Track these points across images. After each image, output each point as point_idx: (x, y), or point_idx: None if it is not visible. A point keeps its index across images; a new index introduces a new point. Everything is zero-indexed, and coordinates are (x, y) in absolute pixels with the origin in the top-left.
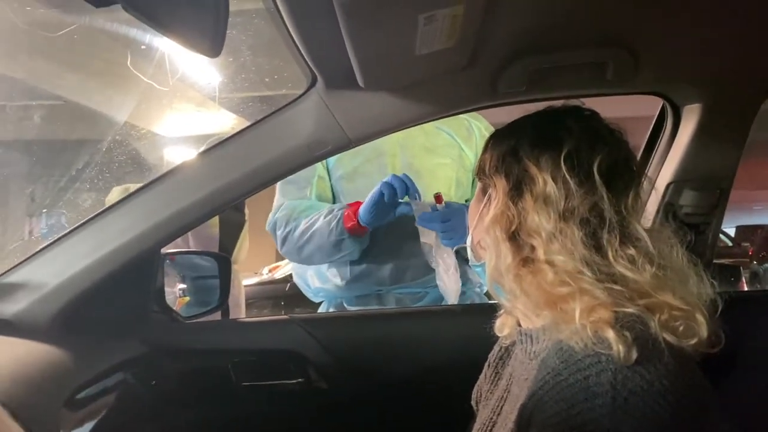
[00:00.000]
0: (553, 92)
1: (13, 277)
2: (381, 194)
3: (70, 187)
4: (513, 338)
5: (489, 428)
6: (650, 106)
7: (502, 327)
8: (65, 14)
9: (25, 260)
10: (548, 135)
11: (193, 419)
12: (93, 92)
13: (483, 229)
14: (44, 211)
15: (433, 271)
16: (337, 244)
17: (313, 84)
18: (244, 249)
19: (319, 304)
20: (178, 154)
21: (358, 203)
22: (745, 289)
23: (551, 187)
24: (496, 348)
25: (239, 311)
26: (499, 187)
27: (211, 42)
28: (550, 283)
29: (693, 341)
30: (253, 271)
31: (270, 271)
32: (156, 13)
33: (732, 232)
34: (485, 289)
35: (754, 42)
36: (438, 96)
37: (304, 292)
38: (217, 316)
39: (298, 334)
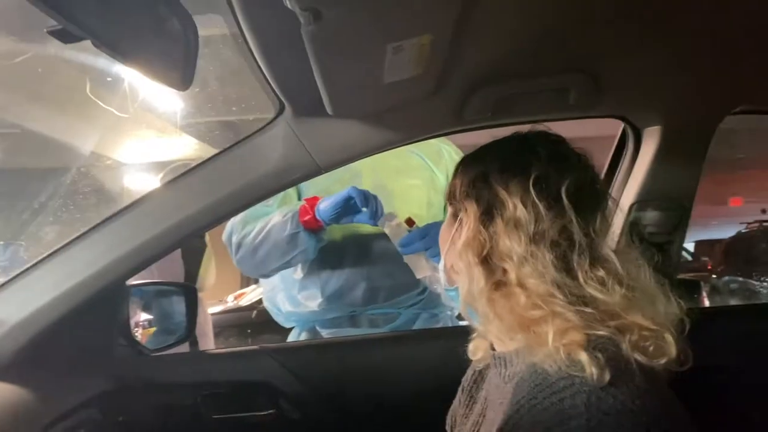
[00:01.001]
0: (518, 117)
1: None
2: (349, 197)
3: (29, 219)
4: (486, 362)
5: None
6: (613, 126)
7: (476, 351)
8: (22, 42)
9: None
10: (517, 160)
11: None
12: (51, 120)
13: (455, 254)
14: (1, 243)
15: (406, 291)
16: (291, 239)
17: (280, 112)
18: (210, 275)
19: (290, 329)
20: (141, 182)
21: (315, 198)
22: (706, 302)
23: (521, 211)
24: (469, 372)
25: (207, 341)
26: (470, 211)
27: (182, 75)
28: (522, 307)
29: (663, 360)
30: (218, 298)
31: (236, 298)
32: (126, 48)
33: (691, 247)
34: (457, 312)
35: (708, 65)
36: (406, 122)
37: (274, 317)
38: (185, 347)
39: (269, 364)
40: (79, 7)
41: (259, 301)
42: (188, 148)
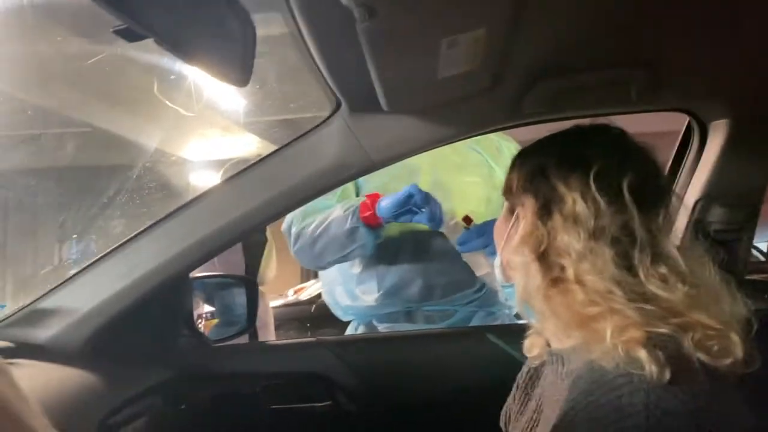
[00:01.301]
0: (576, 112)
1: (46, 303)
2: (410, 195)
3: (100, 214)
4: (542, 359)
5: None
6: (677, 120)
7: (531, 348)
8: (94, 44)
9: (57, 286)
10: (576, 153)
11: None
12: (121, 119)
13: (511, 250)
14: (74, 237)
15: (463, 289)
16: (351, 234)
17: (336, 108)
18: (271, 268)
19: (348, 323)
20: (205, 179)
21: (376, 195)
22: None
23: (581, 206)
24: (525, 369)
25: (267, 333)
26: (528, 206)
27: (240, 72)
28: (580, 303)
29: (728, 361)
30: (279, 292)
31: (295, 292)
32: (186, 45)
33: (764, 246)
34: (515, 310)
35: None
36: (461, 117)
37: (333, 310)
38: (245, 338)
39: (326, 356)
40: (141, 6)
41: (319, 296)
42: (250, 145)
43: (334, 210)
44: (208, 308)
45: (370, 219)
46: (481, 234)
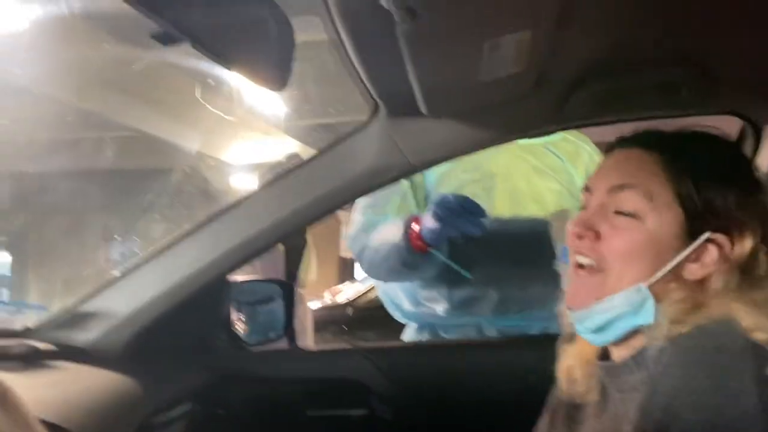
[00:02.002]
0: (622, 115)
1: (87, 306)
2: (455, 211)
3: (142, 216)
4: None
5: None
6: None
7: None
8: (138, 49)
9: (99, 289)
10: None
11: None
12: (164, 123)
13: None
14: (117, 238)
15: (541, 304)
16: (406, 264)
17: (375, 112)
18: (311, 272)
19: (388, 326)
20: (245, 182)
21: (418, 219)
22: None
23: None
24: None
25: (306, 337)
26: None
27: (278, 76)
28: None
29: None
30: (315, 295)
31: (332, 294)
32: (224, 49)
33: None
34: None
35: None
36: (503, 121)
37: (389, 310)
38: (284, 342)
39: (364, 364)
40: (178, 10)
41: (356, 299)
42: (289, 149)
43: (386, 230)
44: (245, 312)
45: (423, 248)
46: None
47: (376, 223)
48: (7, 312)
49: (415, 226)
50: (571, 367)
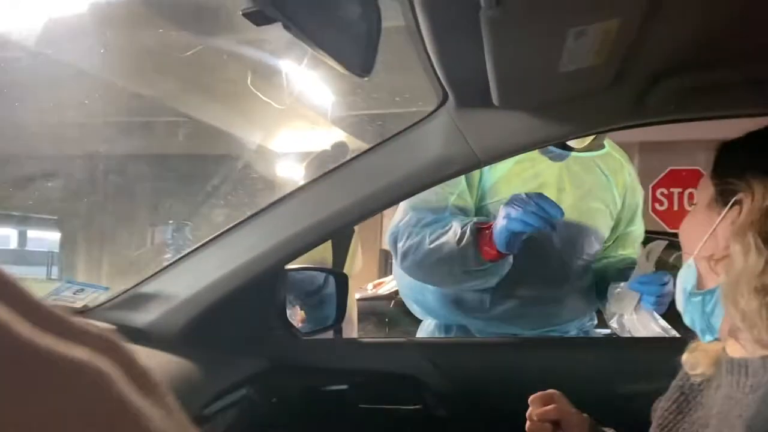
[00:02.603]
0: (704, 113)
1: (146, 288)
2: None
3: (191, 201)
4: (705, 376)
5: None
6: None
7: (696, 364)
8: (193, 35)
9: (159, 272)
10: None
11: None
12: (215, 110)
13: (719, 242)
14: (170, 222)
15: (577, 317)
16: (469, 271)
17: (443, 102)
18: (357, 262)
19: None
20: (294, 171)
21: (489, 226)
22: None
23: None
24: (677, 383)
25: (352, 328)
26: (758, 189)
27: (364, 61)
28: None
29: None
30: (358, 286)
31: (375, 286)
32: (314, 32)
33: None
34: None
35: None
36: (577, 115)
37: (415, 313)
38: (330, 333)
39: (418, 358)
40: None
41: (397, 292)
42: (335, 139)
43: (448, 232)
44: (300, 300)
45: (493, 256)
46: (662, 284)
47: (429, 221)
48: (69, 290)
49: (486, 232)
50: (697, 358)
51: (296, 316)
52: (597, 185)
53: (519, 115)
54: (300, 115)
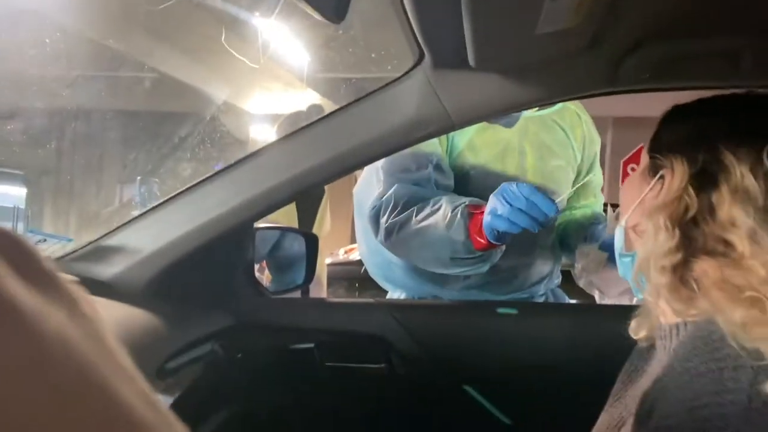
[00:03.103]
0: (679, 82)
1: (111, 241)
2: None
3: (163, 158)
4: (651, 341)
5: (606, 425)
6: None
7: (638, 329)
8: None
9: (123, 225)
10: (749, 123)
11: (276, 394)
12: (187, 66)
13: (644, 214)
14: (138, 178)
15: (543, 280)
16: (459, 262)
17: (419, 62)
18: (326, 224)
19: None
20: (265, 132)
21: (481, 212)
22: None
23: (750, 181)
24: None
25: (320, 290)
26: (678, 170)
27: (336, 6)
28: (760, 281)
29: None
30: (329, 251)
31: (346, 252)
32: None
33: None
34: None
35: None
36: (552, 80)
37: (383, 285)
38: (297, 294)
39: (384, 318)
40: None
41: None
42: (311, 102)
43: (437, 209)
44: (268, 259)
45: (484, 246)
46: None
47: (416, 196)
48: (32, 240)
49: (478, 218)
50: (639, 323)
51: (265, 274)
52: (556, 143)
53: (494, 78)
54: (275, 75)
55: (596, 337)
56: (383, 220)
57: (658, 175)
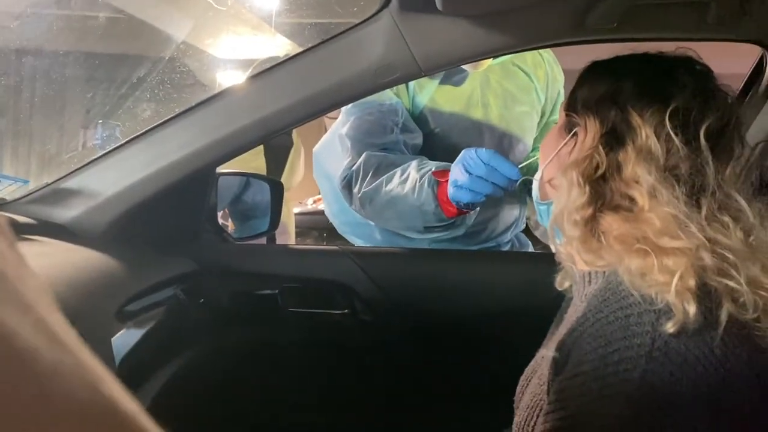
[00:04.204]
0: (645, 33)
1: (69, 183)
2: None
3: (126, 101)
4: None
5: (532, 370)
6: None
7: (563, 281)
8: None
9: (82, 167)
10: (657, 86)
11: (238, 340)
12: (150, 7)
13: (558, 168)
14: (99, 122)
15: (508, 230)
16: (433, 228)
17: (386, 4)
18: (296, 174)
19: None
20: (232, 77)
21: (446, 179)
22: None
23: (653, 142)
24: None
25: (287, 238)
26: (590, 129)
27: None
28: (655, 232)
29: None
30: (298, 200)
31: (314, 201)
32: None
33: None
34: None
35: None
36: (520, 27)
37: (342, 231)
38: (263, 241)
39: (348, 265)
40: None
41: None
42: (281, 48)
43: (405, 178)
44: (232, 205)
45: (454, 213)
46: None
47: (384, 163)
48: None
49: (444, 189)
50: (563, 276)
51: (229, 220)
52: (519, 88)
53: (462, 23)
54: (243, 19)
55: (551, 284)
56: (355, 190)
57: (572, 133)
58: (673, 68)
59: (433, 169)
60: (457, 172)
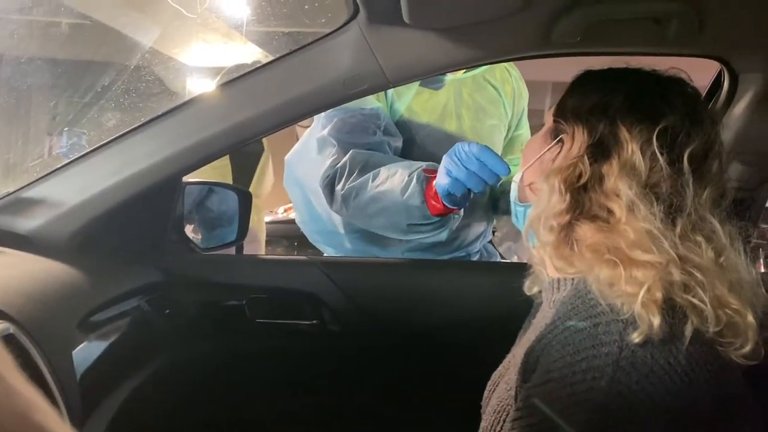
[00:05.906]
0: (608, 47)
1: (32, 193)
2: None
3: (92, 108)
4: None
5: (500, 374)
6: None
7: (532, 286)
8: None
9: (45, 176)
10: (648, 103)
11: (204, 352)
12: (120, 14)
13: (540, 172)
14: (65, 129)
15: (479, 239)
16: (417, 227)
17: (353, 16)
18: (266, 182)
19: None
20: (201, 85)
21: (434, 176)
22: (762, 270)
23: (638, 159)
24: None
25: (257, 247)
26: (578, 138)
27: None
28: (629, 244)
29: (737, 342)
30: (269, 209)
31: (285, 210)
32: None
33: None
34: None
35: None
36: (486, 40)
37: (313, 240)
38: (231, 251)
39: (317, 276)
40: None
41: None
42: (251, 57)
43: (393, 174)
44: (198, 215)
45: (440, 210)
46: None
47: (368, 159)
48: None
49: (432, 185)
50: (532, 281)
51: (196, 230)
52: (489, 102)
53: (430, 36)
54: (213, 27)
55: (519, 293)
56: (339, 187)
57: (557, 139)
58: (666, 88)
59: (423, 166)
60: (449, 162)
